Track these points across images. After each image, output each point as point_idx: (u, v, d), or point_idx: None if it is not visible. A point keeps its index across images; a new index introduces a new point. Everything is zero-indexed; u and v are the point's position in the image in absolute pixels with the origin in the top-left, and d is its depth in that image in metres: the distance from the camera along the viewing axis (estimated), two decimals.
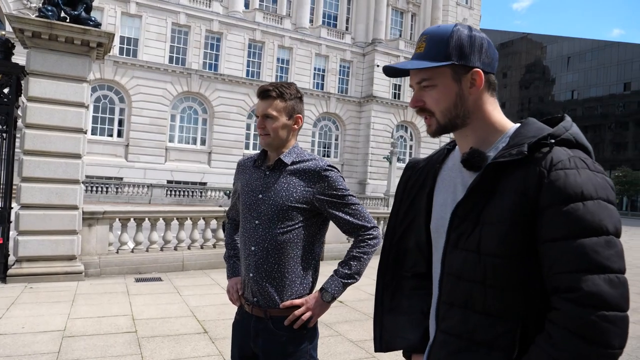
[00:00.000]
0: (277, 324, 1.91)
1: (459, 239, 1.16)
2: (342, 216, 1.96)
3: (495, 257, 1.08)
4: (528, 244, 1.06)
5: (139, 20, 30.12)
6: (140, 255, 8.06)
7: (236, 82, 32.79)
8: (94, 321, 5.12)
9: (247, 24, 33.44)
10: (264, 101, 1.96)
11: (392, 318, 1.45)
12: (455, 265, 1.18)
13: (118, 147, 29.58)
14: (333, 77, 37.25)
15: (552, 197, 1.02)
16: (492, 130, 1.22)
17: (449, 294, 1.20)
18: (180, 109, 31.84)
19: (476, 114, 1.21)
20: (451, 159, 1.34)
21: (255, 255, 1.93)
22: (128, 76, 29.39)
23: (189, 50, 31.73)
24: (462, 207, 1.16)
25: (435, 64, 1.18)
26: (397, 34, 40.25)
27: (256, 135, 34.30)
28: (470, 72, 1.18)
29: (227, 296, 2.16)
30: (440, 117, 1.21)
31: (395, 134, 39.04)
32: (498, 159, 1.11)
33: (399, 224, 1.46)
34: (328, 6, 38.03)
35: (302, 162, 1.97)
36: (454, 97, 1.19)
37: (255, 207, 1.96)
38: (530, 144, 1.08)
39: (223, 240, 8.93)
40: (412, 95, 1.26)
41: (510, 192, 1.08)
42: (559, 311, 0.99)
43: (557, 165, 1.05)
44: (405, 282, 1.45)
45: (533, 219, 1.05)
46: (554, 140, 1.09)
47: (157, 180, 28.94)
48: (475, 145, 1.21)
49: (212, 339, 4.72)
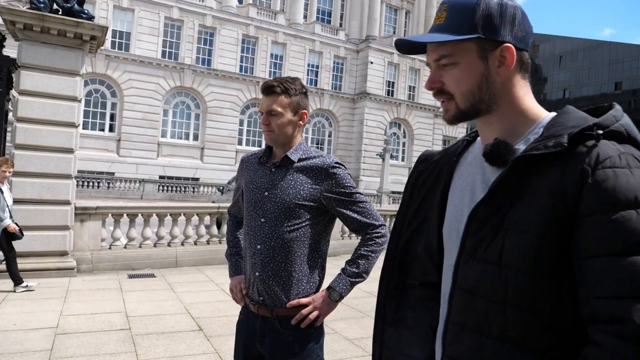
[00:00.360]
0: (283, 324, 1.88)
1: (476, 248, 0.97)
2: (350, 214, 1.93)
3: (520, 271, 0.89)
4: (562, 258, 0.86)
5: (132, 13, 29.82)
6: (133, 251, 7.98)
7: (229, 77, 32.60)
8: (87, 318, 5.06)
9: (241, 19, 33.23)
10: (269, 97, 1.92)
11: (395, 332, 1.24)
12: (470, 279, 0.97)
13: (110, 141, 29.33)
14: (327, 74, 37.15)
15: (597, 201, 0.83)
16: (522, 118, 1.01)
17: (460, 313, 1.00)
18: (173, 104, 31.62)
19: (504, 98, 1.01)
20: (471, 152, 1.14)
21: (261, 254, 1.89)
22: (120, 70, 29.12)
23: (181, 44, 31.49)
24: (483, 208, 0.96)
25: (458, 37, 0.97)
26: (391, 31, 40.21)
27: (249, 131, 34.22)
28: (499, 48, 0.97)
29: (231, 295, 2.11)
30: (461, 101, 1.01)
31: (389, 131, 39.05)
32: (530, 152, 0.91)
33: (407, 224, 1.24)
34: (322, 2, 37.89)
35: (309, 159, 1.93)
36: (478, 77, 0.99)
37: (261, 204, 1.91)
38: (571, 134, 0.89)
39: (217, 236, 8.93)
40: (430, 75, 1.05)
41: (543, 194, 0.88)
42: (599, 347, 0.79)
43: (604, 163, 0.85)
44: (411, 291, 1.23)
45: (570, 227, 0.85)
46: (601, 131, 0.89)
47: (149, 175, 28.76)
48: (502, 135, 1.01)
49: (207, 337, 4.68)
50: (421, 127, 40.57)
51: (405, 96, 39.67)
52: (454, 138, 43.71)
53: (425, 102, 40.43)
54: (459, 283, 1.01)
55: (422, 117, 40.51)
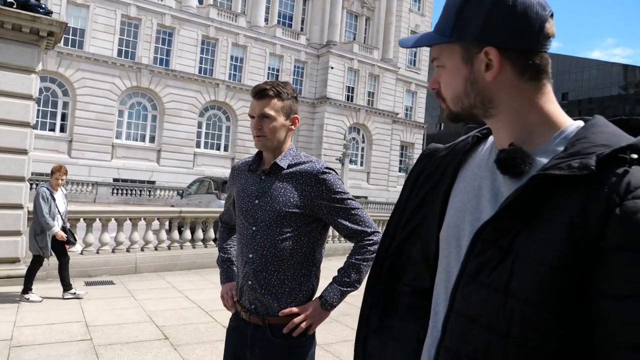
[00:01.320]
0: (275, 332, 1.84)
1: (480, 270, 0.86)
2: (341, 221, 1.89)
3: (529, 304, 0.78)
4: (578, 294, 0.76)
5: (86, 10, 28.79)
6: (90, 258, 7.67)
7: (188, 78, 31.97)
8: (44, 329, 4.80)
9: (201, 19, 32.70)
10: (261, 101, 1.87)
11: (380, 341, 1.13)
12: (470, 304, 0.87)
13: (60, 142, 28.14)
14: (287, 78, 37.08)
15: (624, 236, 0.72)
16: (537, 126, 0.90)
17: (456, 340, 0.89)
18: (129, 105, 30.69)
19: (506, 104, 0.90)
20: (481, 151, 1.02)
21: (253, 263, 1.85)
22: (73, 68, 28.01)
23: (139, 44, 30.63)
24: (490, 228, 0.85)
25: (439, 39, 0.92)
26: (352, 37, 40.65)
27: (208, 133, 33.66)
28: (483, 51, 0.88)
29: (222, 302, 2.06)
30: (450, 105, 0.95)
31: (348, 135, 39.37)
32: (550, 171, 0.79)
33: (403, 225, 1.13)
34: (283, 6, 37.85)
35: (298, 165, 1.89)
36: (463, 82, 0.91)
37: (252, 213, 1.87)
38: (600, 155, 0.77)
39: (178, 241, 8.70)
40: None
41: (562, 223, 0.77)
42: None
43: (636, 192, 0.74)
44: (401, 298, 1.12)
45: (590, 262, 0.75)
46: (636, 155, 0.77)
47: (102, 178, 27.77)
48: (517, 142, 0.90)
49: (173, 346, 4.53)
50: (380, 133, 41.16)
51: (365, 102, 40.16)
52: (410, 144, 44.61)
53: (383, 107, 41.08)
54: (456, 307, 0.90)
55: (381, 123, 41.11)
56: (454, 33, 0.90)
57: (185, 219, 8.95)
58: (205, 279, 7.82)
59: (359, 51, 39.38)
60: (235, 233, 2.25)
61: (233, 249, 2.21)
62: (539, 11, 0.86)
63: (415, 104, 45.54)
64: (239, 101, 34.20)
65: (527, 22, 0.85)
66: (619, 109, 64.84)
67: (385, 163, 41.85)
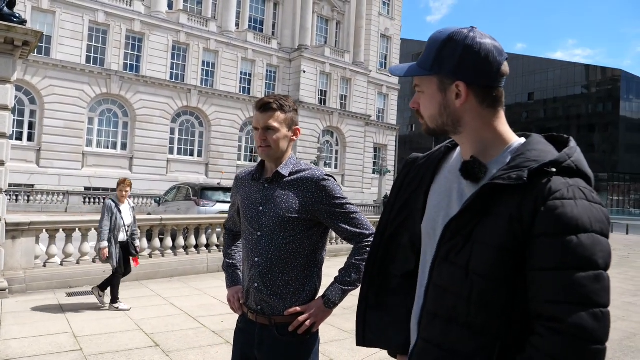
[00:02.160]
0: (281, 330, 1.95)
1: (449, 252, 1.16)
2: (341, 225, 2.00)
3: (483, 277, 1.08)
4: (517, 268, 1.06)
5: (52, 16, 28.15)
6: (70, 268, 7.58)
7: (159, 84, 31.58)
8: (31, 341, 4.76)
9: (171, 25, 32.37)
10: (265, 113, 1.98)
11: (377, 315, 1.44)
12: (443, 278, 1.17)
13: (29, 152, 27.40)
14: (260, 82, 37.06)
15: (546, 226, 1.02)
16: (491, 142, 1.19)
17: (433, 304, 1.20)
18: (99, 112, 30.12)
19: (470, 124, 1.19)
20: (451, 159, 1.32)
21: (259, 266, 1.95)
22: (40, 76, 27.35)
23: (108, 50, 30.10)
24: (456, 222, 1.15)
25: (421, 72, 1.20)
26: (323, 40, 40.91)
27: (181, 139, 33.32)
28: (454, 84, 1.16)
29: (228, 305, 2.15)
30: (428, 122, 1.23)
31: (322, 139, 39.60)
32: (496, 181, 1.08)
33: (392, 220, 1.43)
34: (254, 11, 37.81)
35: (299, 173, 2.00)
36: (438, 106, 1.19)
37: (257, 219, 1.98)
38: (531, 169, 1.06)
39: (159, 249, 8.67)
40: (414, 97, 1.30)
41: (505, 217, 1.07)
42: (542, 337, 1.00)
43: (555, 195, 1.03)
44: (393, 279, 1.43)
45: (525, 245, 1.04)
46: (555, 169, 1.06)
47: (73, 187, 27.16)
48: (476, 153, 1.19)
49: (165, 352, 4.57)
50: (353, 135, 41.50)
51: (337, 105, 40.44)
52: (383, 145, 45.14)
53: (356, 110, 41.44)
54: (434, 279, 1.20)
55: (354, 126, 41.47)
56: (433, 68, 1.18)
57: (166, 226, 8.93)
58: (189, 286, 7.82)
59: (330, 55, 39.66)
60: (239, 239, 2.36)
61: (237, 255, 2.31)
62: (497, 57, 1.15)
63: (387, 106, 46.10)
64: (211, 106, 33.98)
65: (488, 65, 1.15)
66: (582, 107, 67.04)
67: (359, 165, 42.21)
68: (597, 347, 0.97)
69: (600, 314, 0.98)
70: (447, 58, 1.15)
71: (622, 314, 6.93)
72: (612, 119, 64.48)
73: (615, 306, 7.41)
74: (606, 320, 0.99)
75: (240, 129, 35.88)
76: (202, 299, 6.98)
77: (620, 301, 7.78)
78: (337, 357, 4.63)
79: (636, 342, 5.53)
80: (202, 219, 9.69)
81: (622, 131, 64.45)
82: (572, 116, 66.18)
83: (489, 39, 1.17)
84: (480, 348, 1.10)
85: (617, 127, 64.21)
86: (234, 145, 35.33)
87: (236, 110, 35.25)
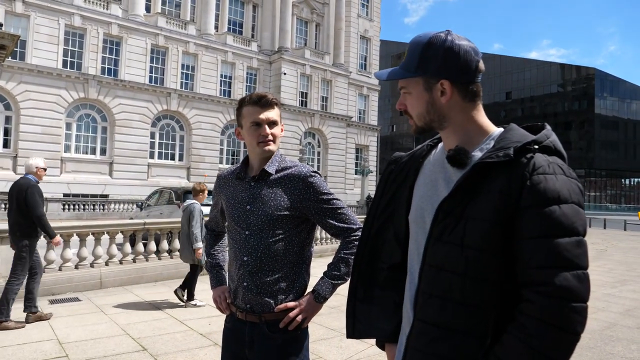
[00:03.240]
0: (272, 328, 1.94)
1: (442, 233, 1.22)
2: (329, 221, 2.02)
3: (477, 250, 1.15)
4: (507, 240, 1.13)
5: (27, 20, 27.59)
6: (52, 275, 7.45)
7: (138, 88, 31.21)
8: (15, 349, 4.68)
9: (149, 28, 32.03)
10: (269, 109, 1.98)
11: (365, 308, 1.50)
12: (438, 257, 1.23)
13: (4, 159, 26.82)
14: (240, 85, 36.91)
15: (532, 198, 1.10)
16: (474, 132, 1.30)
17: (428, 284, 1.25)
18: (77, 117, 29.61)
19: (454, 118, 1.29)
20: (434, 154, 1.41)
21: (248, 265, 1.94)
22: (15, 81, 26.79)
23: (85, 54, 29.62)
24: (448, 202, 1.22)
25: (407, 75, 1.30)
26: (303, 42, 40.96)
27: (161, 143, 32.99)
28: (439, 83, 1.26)
29: (215, 305, 2.14)
30: (416, 120, 1.33)
31: (304, 140, 39.62)
32: (485, 160, 1.18)
33: (379, 215, 1.51)
34: (233, 13, 37.69)
35: (285, 170, 2.01)
36: (425, 104, 1.29)
37: (245, 218, 1.97)
38: (516, 148, 1.16)
39: (143, 254, 8.59)
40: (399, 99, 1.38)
41: (495, 192, 1.15)
42: (531, 303, 1.07)
43: (538, 170, 1.12)
44: (380, 273, 1.50)
45: (513, 216, 1.12)
46: (537, 146, 1.17)
47: (51, 193, 26.57)
48: (461, 144, 1.28)
49: (153, 356, 4.54)
50: (335, 137, 41.63)
51: (319, 106, 40.53)
52: (365, 146, 45.38)
53: (337, 111, 41.58)
54: (427, 260, 1.26)
55: (335, 127, 41.59)
56: (418, 70, 1.29)
57: (150, 230, 8.84)
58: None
59: (310, 57, 39.73)
60: (221, 239, 2.36)
61: (221, 255, 2.30)
62: (474, 56, 1.27)
63: (368, 107, 46.36)
64: (192, 110, 33.72)
65: (468, 63, 1.26)
66: (558, 105, 68.39)
67: (341, 166, 42.34)
68: (581, 305, 1.06)
69: (582, 275, 1.07)
70: (431, 59, 1.26)
71: (602, 305, 7.10)
72: (587, 116, 65.94)
73: (595, 297, 7.60)
74: (587, 282, 1.08)
75: (221, 132, 35.67)
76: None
77: (600, 292, 7.97)
78: (326, 355, 4.66)
79: (616, 332, 5.68)
80: None
81: (598, 128, 65.95)
82: (549, 114, 67.41)
83: (465, 40, 1.28)
84: (476, 323, 1.16)
85: (593, 124, 65.69)
86: (215, 149, 35.10)
87: (217, 113, 35.06)
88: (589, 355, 4.82)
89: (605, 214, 41.69)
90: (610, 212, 53.95)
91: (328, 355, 4.67)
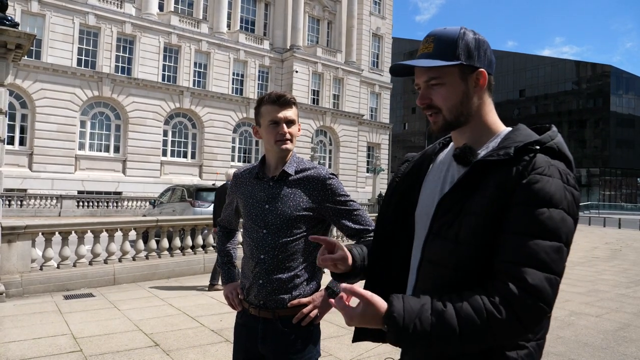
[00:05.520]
0: (285, 323, 1.97)
1: (441, 229, 1.23)
2: (345, 222, 2.05)
3: (469, 245, 1.16)
4: (496, 234, 1.14)
5: (42, 19, 28.00)
6: (67, 271, 7.56)
7: (151, 86, 31.50)
8: (31, 343, 4.77)
9: (162, 27, 32.29)
10: (287, 108, 2.01)
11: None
12: (434, 253, 1.24)
13: (20, 156, 27.24)
14: (252, 83, 37.05)
15: (524, 196, 1.11)
16: (486, 130, 1.30)
17: (423, 280, 1.27)
18: (91, 115, 30.00)
19: (477, 112, 1.29)
20: (444, 153, 1.42)
21: (265, 263, 1.97)
22: (31, 79, 27.20)
23: (99, 52, 29.97)
24: (447, 199, 1.23)
25: (445, 62, 1.24)
26: (315, 40, 40.96)
27: (174, 141, 33.24)
28: (475, 72, 1.26)
29: (226, 302, 2.17)
30: (447, 114, 1.28)
31: (315, 139, 39.64)
32: (485, 158, 1.19)
33: (390, 213, 1.50)
34: (245, 11, 37.81)
35: (304, 171, 2.04)
36: (460, 95, 1.26)
37: (263, 217, 2.00)
38: (517, 147, 1.17)
39: (156, 250, 8.68)
40: (420, 93, 1.31)
41: (492, 186, 1.15)
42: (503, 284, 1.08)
43: (537, 170, 1.13)
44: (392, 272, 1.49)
45: (503, 211, 1.13)
46: (539, 147, 1.17)
47: (66, 191, 27.05)
48: (469, 142, 1.28)
49: (165, 352, 4.59)
50: (346, 135, 41.58)
51: (330, 104, 40.51)
52: (377, 144, 45.28)
53: (349, 110, 41.52)
54: (425, 256, 1.28)
55: (347, 125, 41.54)
56: (459, 57, 1.25)
57: (163, 227, 8.93)
58: (187, 286, 7.83)
59: (322, 55, 39.72)
60: (232, 236, 2.39)
61: (232, 251, 2.34)
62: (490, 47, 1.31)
63: (380, 105, 46.23)
64: (204, 108, 33.93)
65: (491, 56, 1.30)
66: (573, 103, 67.50)
67: (352, 164, 42.29)
68: (544, 307, 1.07)
69: (554, 280, 1.08)
70: (468, 48, 1.26)
71: (616, 305, 7.02)
72: (602, 114, 64.97)
73: (609, 298, 7.52)
74: (557, 288, 1.10)
75: (233, 130, 35.84)
76: (200, 299, 7.00)
77: (614, 293, 7.88)
78: (337, 353, 4.67)
79: (629, 333, 5.61)
80: (198, 220, 9.70)
81: (613, 126, 64.96)
82: (563, 112, 66.63)
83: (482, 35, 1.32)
84: None
85: (608, 122, 64.73)
86: (227, 147, 35.28)
87: (229, 111, 35.23)
88: (602, 356, 4.77)
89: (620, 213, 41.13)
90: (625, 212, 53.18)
91: (339, 352, 4.69)
